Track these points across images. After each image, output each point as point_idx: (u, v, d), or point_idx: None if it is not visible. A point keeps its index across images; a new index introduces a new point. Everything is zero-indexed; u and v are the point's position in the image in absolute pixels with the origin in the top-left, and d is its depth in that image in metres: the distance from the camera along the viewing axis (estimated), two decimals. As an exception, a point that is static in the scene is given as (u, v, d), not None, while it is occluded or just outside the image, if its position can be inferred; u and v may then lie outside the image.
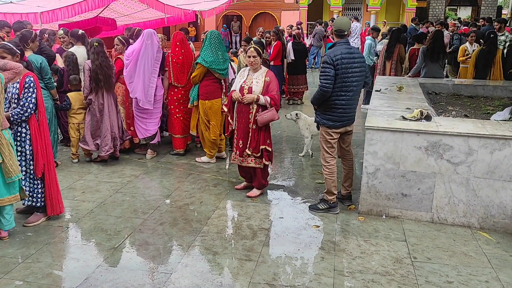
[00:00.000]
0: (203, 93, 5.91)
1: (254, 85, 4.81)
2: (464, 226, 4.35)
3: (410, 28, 14.88)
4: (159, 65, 6.11)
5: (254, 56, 4.79)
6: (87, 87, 5.79)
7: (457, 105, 6.18)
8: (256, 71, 4.89)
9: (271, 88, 4.80)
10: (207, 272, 3.55)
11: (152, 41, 6.00)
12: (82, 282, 3.38)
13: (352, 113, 4.57)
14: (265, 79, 4.81)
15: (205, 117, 5.97)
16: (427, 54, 7.58)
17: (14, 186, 3.94)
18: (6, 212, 3.97)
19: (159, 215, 4.56)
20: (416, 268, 3.63)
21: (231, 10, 20.54)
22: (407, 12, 22.34)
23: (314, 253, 3.88)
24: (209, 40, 5.78)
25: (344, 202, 4.83)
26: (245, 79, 4.90)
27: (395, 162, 4.37)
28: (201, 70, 5.79)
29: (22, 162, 4.17)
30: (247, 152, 4.91)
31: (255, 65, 4.83)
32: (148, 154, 6.37)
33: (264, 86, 4.79)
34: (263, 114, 4.76)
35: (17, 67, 3.90)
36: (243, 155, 4.96)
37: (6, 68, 3.81)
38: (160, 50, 6.13)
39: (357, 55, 4.45)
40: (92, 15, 9.62)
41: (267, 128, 4.91)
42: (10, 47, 4.07)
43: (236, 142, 5.03)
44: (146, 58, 5.96)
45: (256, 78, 4.85)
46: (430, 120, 4.50)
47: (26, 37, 5.44)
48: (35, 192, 4.27)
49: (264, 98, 4.75)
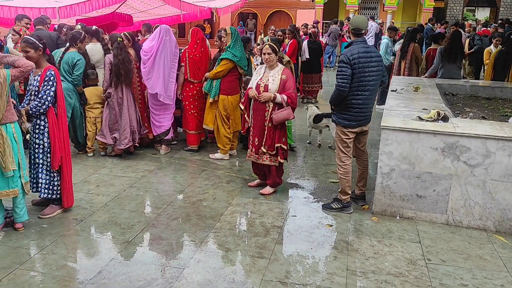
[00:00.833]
0: (226, 88, 5.94)
1: (270, 82, 4.77)
2: (480, 229, 4.29)
3: (427, 28, 14.73)
4: (177, 60, 6.17)
5: (269, 53, 4.75)
6: (107, 80, 5.86)
7: (475, 106, 6.10)
8: (273, 69, 4.84)
9: (288, 86, 4.76)
10: (219, 268, 3.55)
11: (170, 36, 6.09)
12: (96, 274, 3.41)
13: (369, 113, 4.53)
14: (281, 77, 4.77)
15: (224, 112, 5.99)
16: (445, 54, 7.48)
17: (13, 180, 3.93)
18: (16, 205, 4.00)
19: (172, 210, 4.58)
20: (430, 270, 3.59)
21: (247, 7, 20.54)
22: (424, 12, 22.09)
23: (326, 252, 3.86)
24: (237, 36, 5.86)
25: (357, 202, 4.80)
26: (261, 76, 4.87)
27: (410, 162, 4.32)
28: (229, 66, 5.83)
29: (39, 154, 4.23)
30: (262, 150, 4.90)
31: (270, 62, 4.79)
32: (162, 149, 6.41)
33: (280, 84, 4.75)
34: (279, 112, 4.73)
35: (26, 66, 3.80)
36: (259, 153, 4.95)
37: (14, 65, 3.80)
38: (177, 46, 6.20)
39: (374, 54, 4.42)
40: (109, 10, 9.70)
41: (283, 126, 4.89)
42: (33, 41, 4.09)
43: (252, 139, 5.03)
44: (165, 54, 6.03)
45: (272, 75, 4.80)
46: (447, 121, 4.44)
47: (76, 37, 5.91)
48: (51, 185, 4.32)
49: (280, 97, 4.72)
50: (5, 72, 3.73)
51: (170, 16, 11.70)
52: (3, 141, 3.78)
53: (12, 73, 3.76)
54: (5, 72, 3.73)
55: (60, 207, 4.40)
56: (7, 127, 3.83)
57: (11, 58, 3.84)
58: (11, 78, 3.77)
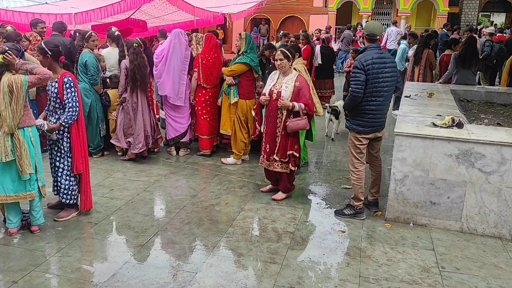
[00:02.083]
0: (245, 93, 6.01)
1: (283, 89, 4.72)
2: (495, 237, 4.23)
3: (441, 33, 14.63)
4: (188, 62, 6.25)
5: (280, 59, 4.71)
6: (122, 85, 5.96)
7: (490, 113, 6.03)
8: (286, 75, 4.80)
9: (303, 94, 4.70)
10: (231, 273, 3.56)
11: (179, 40, 6.18)
12: (110, 277, 3.45)
13: (383, 119, 4.51)
14: (294, 84, 4.72)
15: (243, 117, 6.03)
16: (459, 60, 7.43)
17: (30, 183, 4.00)
18: (33, 208, 4.08)
19: (185, 215, 4.61)
20: (444, 278, 3.56)
21: (259, 13, 20.60)
22: (439, 17, 21.94)
23: (339, 258, 3.85)
24: (253, 42, 6.00)
25: (370, 209, 4.77)
26: (275, 82, 4.84)
27: (424, 169, 4.29)
28: (243, 68, 5.90)
29: (59, 158, 4.29)
30: (274, 157, 4.87)
31: (283, 68, 4.74)
32: (181, 151, 6.54)
33: (293, 91, 4.70)
34: (295, 121, 4.69)
35: (43, 74, 3.89)
36: (270, 160, 4.93)
37: (32, 72, 3.88)
38: (188, 48, 6.31)
39: (388, 60, 4.40)
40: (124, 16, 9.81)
41: (295, 134, 4.86)
42: (42, 47, 4.15)
43: (264, 146, 5.02)
44: (176, 56, 6.14)
45: (285, 82, 4.76)
46: (462, 127, 4.40)
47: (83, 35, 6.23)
48: (70, 189, 4.36)
49: (298, 105, 4.66)
50: (22, 78, 3.81)
51: (184, 21, 11.80)
52: (20, 145, 3.85)
53: (29, 79, 3.84)
54: (22, 78, 3.81)
55: (75, 210, 4.46)
56: (25, 131, 3.92)
57: (30, 65, 3.92)
58: (28, 84, 3.84)
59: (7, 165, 3.88)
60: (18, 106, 3.80)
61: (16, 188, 3.96)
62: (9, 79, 3.76)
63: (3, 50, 3.83)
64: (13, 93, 3.76)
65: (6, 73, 3.81)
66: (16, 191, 3.96)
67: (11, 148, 3.83)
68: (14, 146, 3.85)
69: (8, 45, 3.95)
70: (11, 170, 3.91)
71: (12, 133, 3.83)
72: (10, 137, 3.84)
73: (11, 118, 3.78)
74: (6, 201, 3.95)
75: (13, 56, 3.84)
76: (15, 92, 3.76)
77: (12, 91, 3.75)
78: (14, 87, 3.75)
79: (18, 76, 3.83)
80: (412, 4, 21.84)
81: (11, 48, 3.91)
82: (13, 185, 3.94)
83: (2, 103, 3.75)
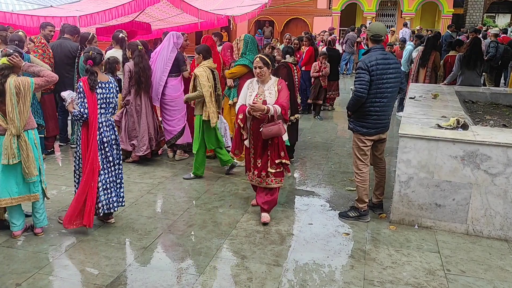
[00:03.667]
0: None
1: (268, 97, 4.35)
2: (501, 239, 4.19)
3: (446, 35, 14.56)
4: (171, 64, 6.16)
5: (260, 66, 4.35)
6: (126, 88, 5.95)
7: (495, 114, 5.99)
8: (266, 82, 4.43)
9: (281, 96, 4.36)
10: (235, 275, 3.55)
11: (168, 42, 6.18)
12: (114, 280, 3.44)
13: (387, 120, 4.49)
14: (277, 88, 4.39)
15: None
16: (464, 61, 7.38)
17: (34, 185, 4.01)
18: (36, 211, 4.08)
19: (189, 217, 4.59)
20: (449, 281, 3.53)
21: (263, 15, 20.61)
22: (443, 18, 21.84)
23: (343, 261, 3.82)
24: (251, 44, 5.96)
25: (375, 211, 4.74)
26: (257, 92, 4.42)
27: (429, 171, 4.26)
28: (243, 71, 5.88)
29: (76, 165, 4.24)
30: (269, 171, 4.42)
31: (262, 76, 4.38)
32: (177, 155, 6.47)
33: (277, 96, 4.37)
34: (269, 126, 4.28)
35: (50, 77, 3.93)
36: (261, 176, 4.48)
37: (39, 75, 3.90)
38: (174, 50, 6.17)
39: (392, 61, 4.38)
40: (128, 19, 9.83)
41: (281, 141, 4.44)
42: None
43: (253, 161, 4.55)
44: (161, 58, 6.16)
45: (268, 89, 4.39)
46: (467, 129, 4.37)
47: (84, 38, 6.43)
48: None
49: (273, 108, 4.27)
50: (29, 80, 3.83)
51: (188, 24, 11.82)
52: (26, 147, 3.87)
53: (36, 81, 3.88)
54: (29, 80, 3.83)
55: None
56: (29, 133, 3.94)
57: (36, 68, 3.95)
58: (35, 87, 3.87)
59: (12, 167, 3.89)
60: (25, 107, 3.82)
61: (21, 190, 3.97)
62: (15, 80, 3.78)
63: (8, 52, 3.85)
64: (20, 94, 3.77)
65: (11, 75, 3.82)
66: (21, 193, 3.98)
67: (17, 150, 3.84)
68: (20, 148, 3.85)
69: (11, 48, 3.96)
70: (16, 173, 3.92)
71: (18, 134, 3.84)
72: (16, 139, 3.84)
73: (18, 119, 3.80)
74: (11, 204, 3.95)
75: (19, 58, 3.85)
76: (22, 94, 3.78)
77: (19, 92, 3.77)
78: (21, 89, 3.77)
79: (25, 78, 3.86)
80: (416, 5, 21.77)
81: (15, 50, 3.92)
82: (18, 187, 3.95)
83: (9, 104, 3.76)
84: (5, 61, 3.81)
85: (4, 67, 3.81)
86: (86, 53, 4.13)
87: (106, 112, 4.19)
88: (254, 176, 4.54)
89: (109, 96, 4.18)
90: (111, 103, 4.22)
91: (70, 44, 6.61)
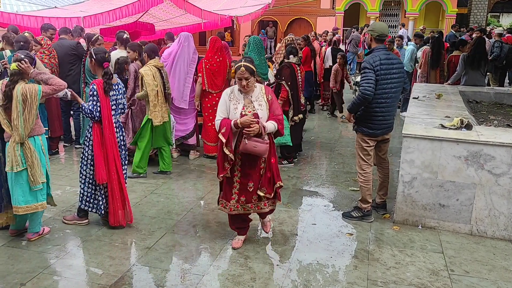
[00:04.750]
0: None
1: (259, 109, 3.71)
2: (505, 239, 4.18)
3: (450, 34, 14.52)
4: (195, 66, 6.30)
5: (247, 77, 3.65)
6: (132, 88, 5.96)
7: (499, 114, 5.97)
8: (252, 91, 3.77)
9: (275, 107, 3.80)
10: (238, 275, 3.55)
11: (189, 43, 6.24)
12: (118, 280, 3.45)
13: (392, 120, 4.49)
14: (267, 98, 3.78)
15: None
16: (468, 61, 7.36)
17: (41, 193, 3.95)
18: (33, 219, 4.00)
19: (192, 217, 4.60)
20: (453, 281, 3.52)
21: (267, 15, 20.62)
22: (447, 18, 21.77)
23: (347, 261, 3.82)
24: (253, 45, 5.95)
25: (378, 211, 4.74)
26: (243, 104, 3.74)
27: (432, 171, 4.26)
28: None
29: (83, 165, 4.25)
30: (259, 194, 3.82)
31: (248, 88, 3.71)
32: (190, 155, 6.55)
33: (269, 108, 3.78)
34: (255, 142, 3.61)
35: (59, 85, 3.89)
36: (252, 200, 3.87)
37: (47, 83, 3.86)
38: (196, 52, 6.34)
39: (396, 61, 4.38)
40: (132, 20, 9.85)
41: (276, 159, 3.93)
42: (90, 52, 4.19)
43: (242, 186, 3.83)
44: (183, 59, 6.18)
45: (256, 100, 3.75)
46: (471, 129, 4.36)
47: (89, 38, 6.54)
48: (93, 198, 4.27)
49: (271, 126, 3.71)
50: (36, 88, 3.77)
51: (191, 24, 11.84)
52: (31, 154, 3.79)
53: (44, 89, 3.81)
54: (36, 88, 3.77)
55: (84, 219, 4.37)
56: (35, 140, 3.87)
57: (45, 75, 3.89)
58: (42, 94, 3.80)
59: (18, 175, 3.81)
60: (30, 115, 3.75)
61: (27, 199, 3.87)
62: (23, 87, 3.71)
63: (19, 58, 3.79)
64: (26, 102, 3.71)
65: (20, 81, 3.76)
66: (27, 202, 3.87)
67: (21, 158, 3.78)
68: (24, 156, 3.79)
69: (22, 53, 3.89)
70: (22, 181, 3.83)
71: (22, 142, 3.77)
72: (20, 147, 3.78)
73: (22, 127, 3.72)
74: (18, 212, 3.86)
75: (28, 64, 3.80)
76: (29, 102, 3.71)
77: (26, 100, 3.70)
78: (28, 96, 3.70)
79: (33, 85, 3.78)
80: (420, 5, 21.71)
81: (26, 56, 3.87)
82: (24, 196, 3.85)
83: (15, 111, 3.69)
84: (15, 67, 3.76)
85: (14, 72, 3.76)
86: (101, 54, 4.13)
87: (115, 114, 4.26)
88: (242, 202, 3.85)
89: (119, 97, 4.28)
90: (120, 104, 4.31)
91: (68, 42, 6.73)
